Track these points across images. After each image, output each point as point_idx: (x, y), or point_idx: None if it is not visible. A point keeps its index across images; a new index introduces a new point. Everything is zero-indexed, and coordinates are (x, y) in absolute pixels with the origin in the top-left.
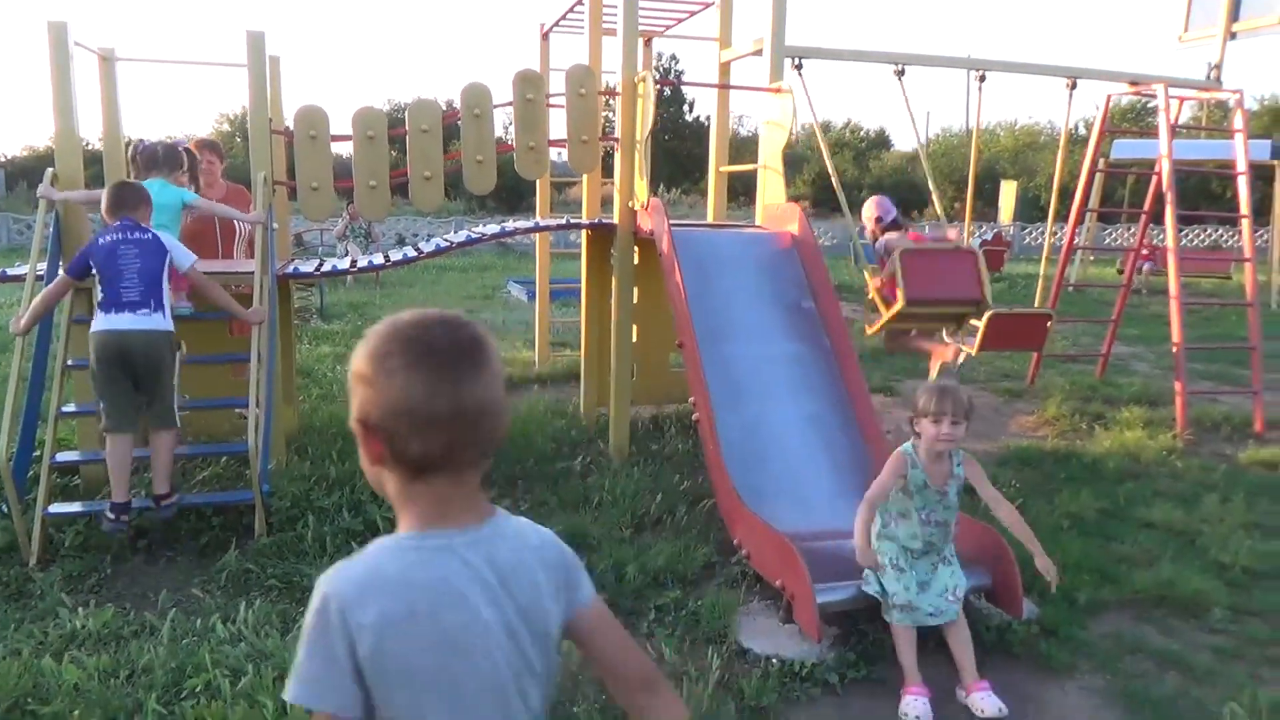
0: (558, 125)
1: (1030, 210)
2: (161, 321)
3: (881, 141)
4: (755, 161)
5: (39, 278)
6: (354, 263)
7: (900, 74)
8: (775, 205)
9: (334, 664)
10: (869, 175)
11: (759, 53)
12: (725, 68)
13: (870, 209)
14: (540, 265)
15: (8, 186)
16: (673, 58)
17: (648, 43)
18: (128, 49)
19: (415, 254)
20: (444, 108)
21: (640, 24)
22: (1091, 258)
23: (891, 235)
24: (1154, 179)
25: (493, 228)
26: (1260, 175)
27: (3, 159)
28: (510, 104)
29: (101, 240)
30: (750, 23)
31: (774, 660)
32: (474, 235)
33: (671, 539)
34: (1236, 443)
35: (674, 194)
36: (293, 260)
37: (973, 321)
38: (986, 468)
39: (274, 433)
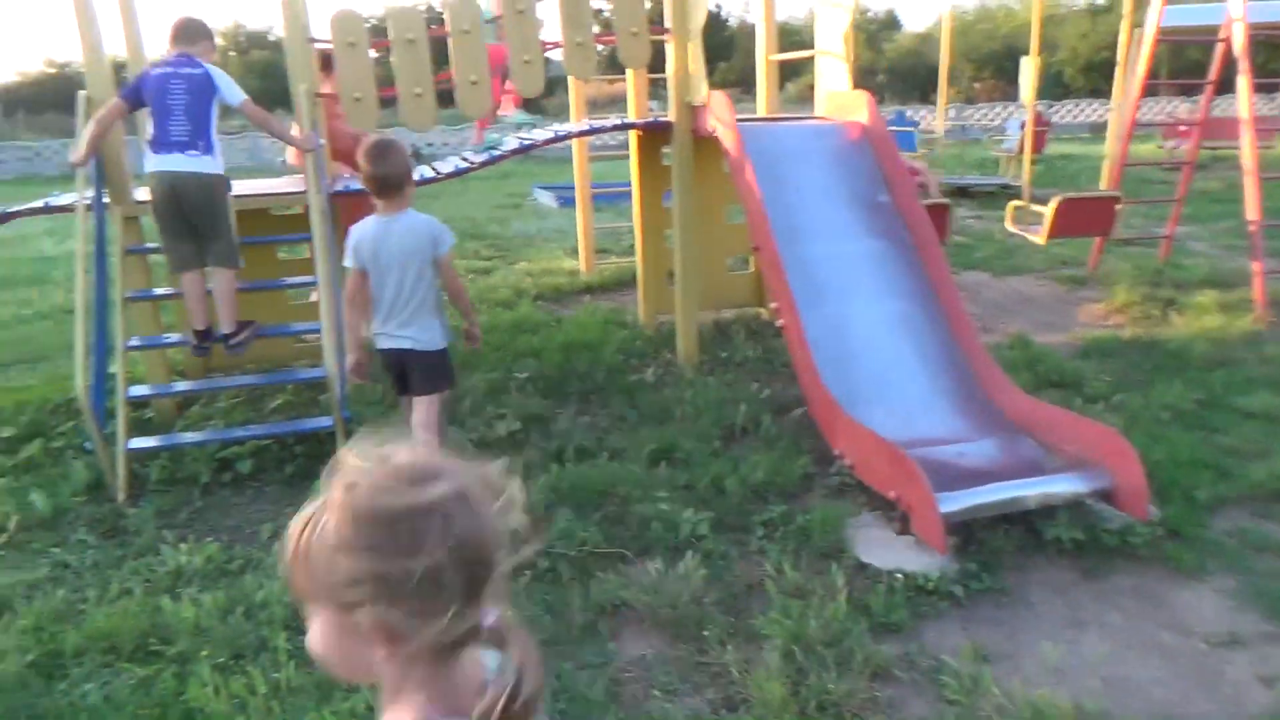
0: None
1: (1053, 88)
2: (211, 164)
3: (891, 23)
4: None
5: (89, 206)
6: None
7: None
8: (840, 93)
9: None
10: (883, 59)
11: None
12: None
13: None
14: (579, 170)
15: (5, 114)
16: None
17: None
18: None
19: (468, 164)
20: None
21: None
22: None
23: None
24: (1221, 46)
25: (543, 133)
26: None
27: None
28: None
29: (154, 71)
30: None
31: (898, 575)
32: (526, 142)
33: (764, 451)
34: None
35: None
36: (343, 176)
37: (1035, 208)
38: (1061, 359)
39: None
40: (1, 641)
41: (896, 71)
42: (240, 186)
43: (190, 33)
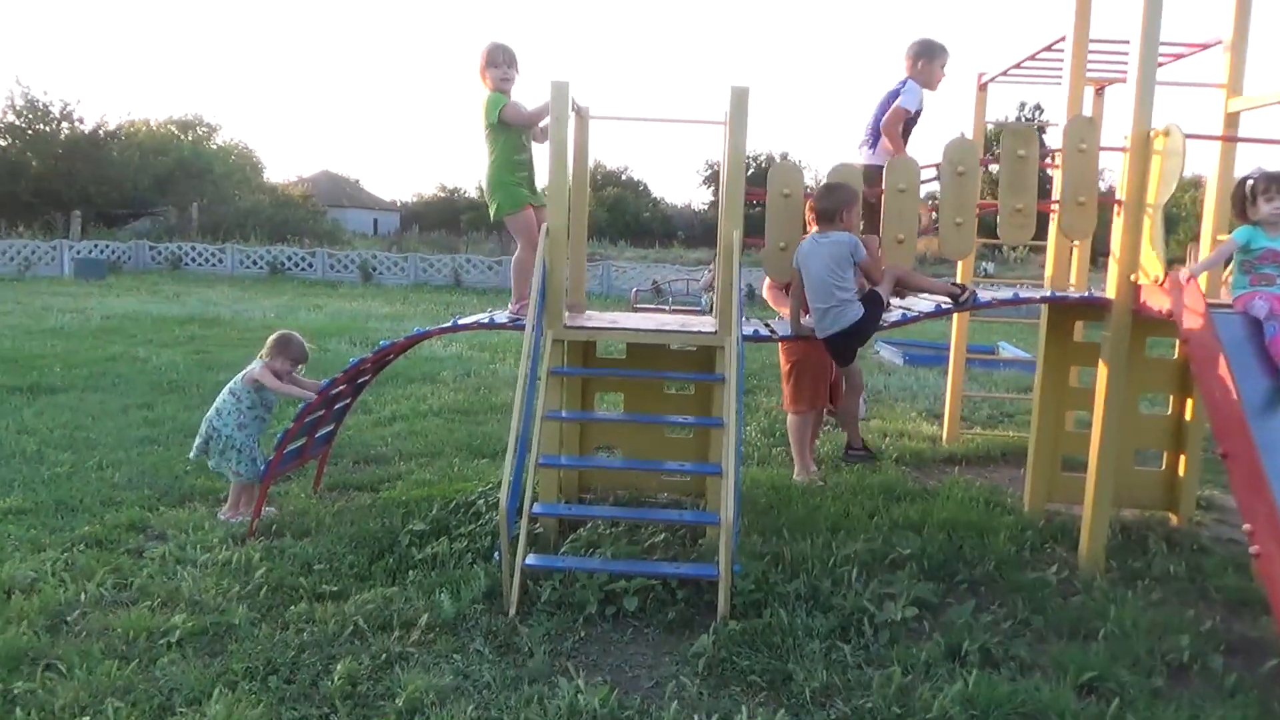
0: None
1: None
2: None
3: None
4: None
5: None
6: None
7: None
8: None
9: None
10: None
11: None
12: (1233, 118)
13: None
14: (958, 334)
15: (403, 227)
16: (1036, 107)
17: (1099, 92)
18: (599, 108)
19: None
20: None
21: (1095, 70)
22: None
23: None
24: None
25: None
26: None
27: (399, 204)
28: (995, 161)
29: None
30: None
31: None
32: (945, 306)
33: (1221, 702)
34: None
35: None
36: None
37: None
38: None
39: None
40: None
41: None
42: (642, 321)
43: None
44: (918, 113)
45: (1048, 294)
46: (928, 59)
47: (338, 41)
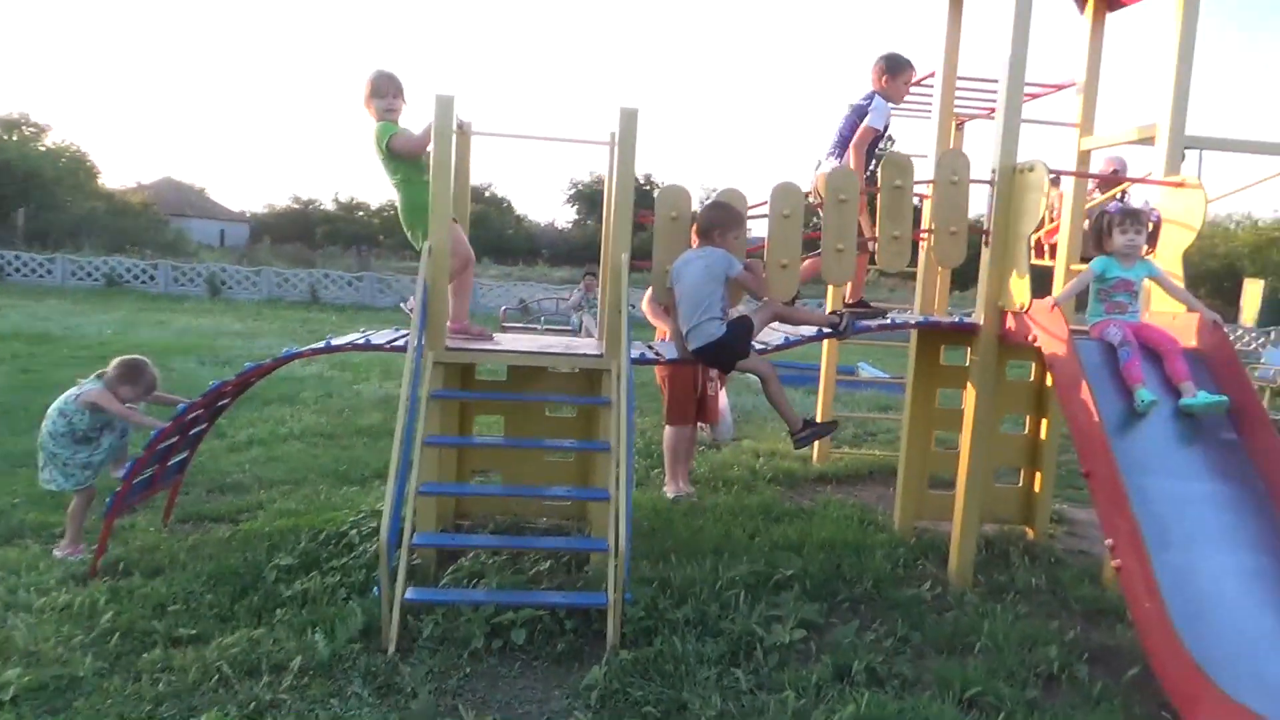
0: None
1: (1276, 314)
2: None
3: None
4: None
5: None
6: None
7: None
8: (1169, 314)
9: None
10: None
11: (1149, 141)
12: (1085, 156)
13: None
14: (828, 355)
15: (253, 239)
16: (889, 139)
17: (959, 126)
18: (481, 123)
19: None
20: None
21: (958, 106)
22: None
23: None
24: None
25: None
26: None
27: (249, 215)
28: (876, 190)
29: None
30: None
31: None
32: (826, 331)
33: (1088, 709)
34: None
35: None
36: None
37: None
38: None
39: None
40: None
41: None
42: (526, 343)
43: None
44: (885, 128)
45: (922, 319)
46: (893, 75)
47: (180, 39)
